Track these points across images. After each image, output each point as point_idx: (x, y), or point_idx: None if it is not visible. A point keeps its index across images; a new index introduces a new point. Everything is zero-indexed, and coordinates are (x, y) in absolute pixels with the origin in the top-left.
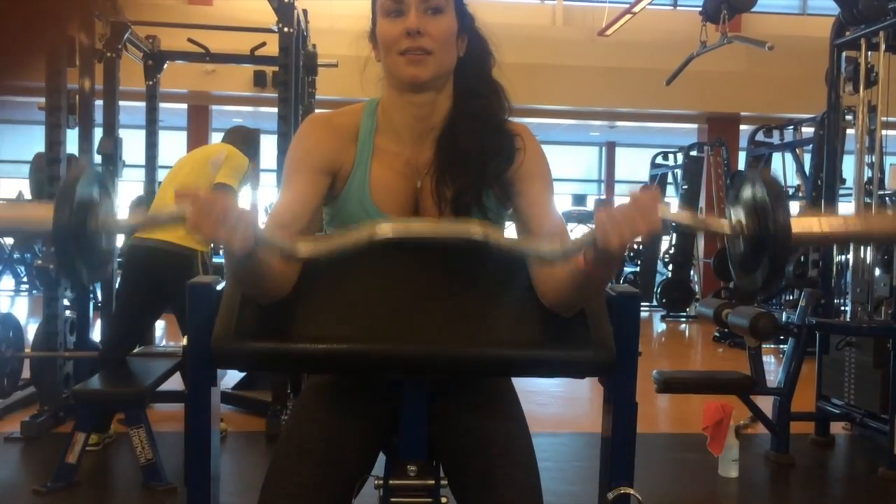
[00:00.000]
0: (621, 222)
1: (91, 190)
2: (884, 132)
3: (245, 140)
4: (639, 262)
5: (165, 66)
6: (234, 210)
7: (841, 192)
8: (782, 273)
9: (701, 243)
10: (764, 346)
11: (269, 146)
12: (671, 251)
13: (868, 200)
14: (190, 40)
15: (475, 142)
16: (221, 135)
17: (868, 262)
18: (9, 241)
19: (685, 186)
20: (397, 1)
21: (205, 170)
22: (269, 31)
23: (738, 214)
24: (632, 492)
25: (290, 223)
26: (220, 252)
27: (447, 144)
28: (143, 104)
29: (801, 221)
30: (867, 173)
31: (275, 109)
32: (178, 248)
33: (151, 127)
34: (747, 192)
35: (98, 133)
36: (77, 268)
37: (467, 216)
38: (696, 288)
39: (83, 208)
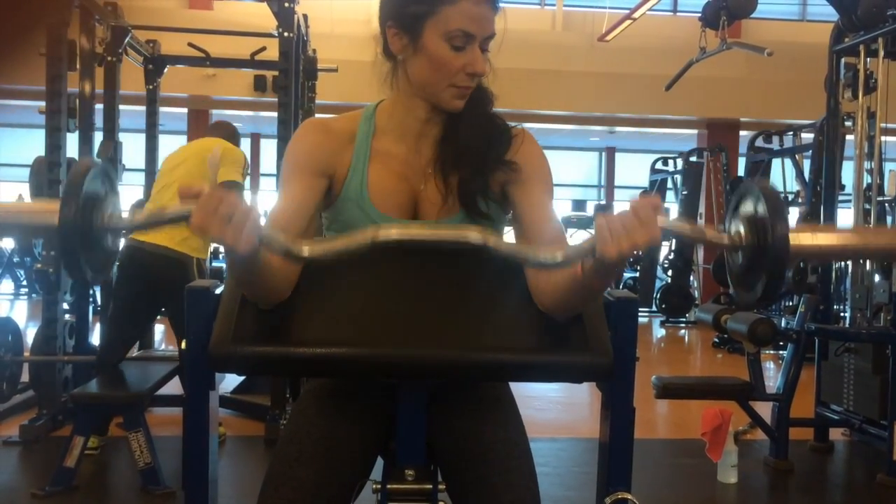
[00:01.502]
0: (621, 233)
1: (97, 186)
2: (883, 138)
3: (232, 136)
4: (638, 268)
5: (166, 70)
6: (239, 208)
7: (840, 198)
8: (780, 287)
9: (701, 249)
10: (763, 351)
11: (268, 150)
12: (671, 256)
13: (867, 206)
14: (190, 45)
15: (477, 130)
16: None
17: (867, 268)
18: (9, 245)
19: (685, 192)
20: (468, 36)
21: (202, 168)
22: (270, 35)
23: (736, 226)
24: (630, 497)
25: (287, 227)
26: (221, 256)
27: (450, 136)
28: (143, 108)
29: (800, 235)
30: (866, 179)
31: (275, 114)
32: (175, 254)
33: (151, 131)
34: (746, 204)
35: (98, 137)
36: (82, 266)
37: (473, 205)
38: (696, 293)
39: (89, 204)
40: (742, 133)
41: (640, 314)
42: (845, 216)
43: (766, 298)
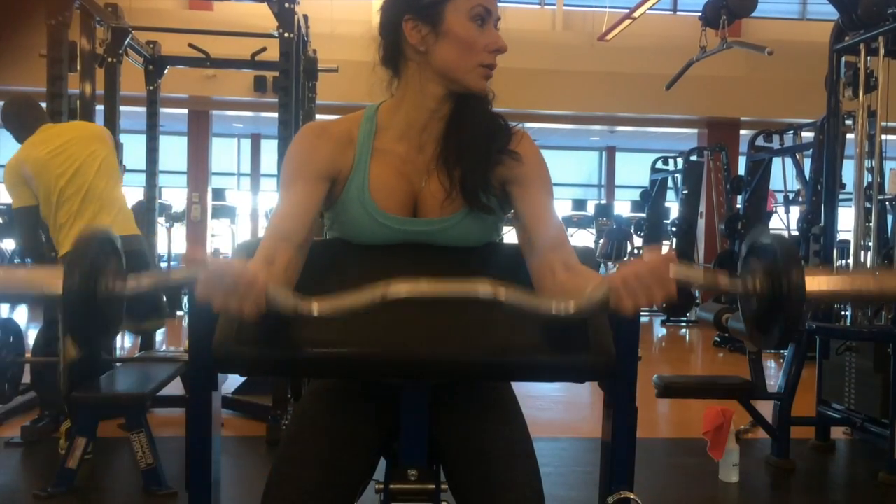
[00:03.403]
0: (636, 289)
1: (100, 253)
2: (883, 137)
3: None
4: None
5: (166, 70)
6: (244, 278)
7: (841, 196)
8: (797, 332)
9: (701, 248)
10: (764, 350)
11: (269, 151)
12: None
13: (868, 205)
14: (190, 45)
15: (480, 126)
16: (222, 140)
17: (868, 267)
18: (9, 245)
19: (685, 191)
20: (488, 12)
21: (101, 157)
22: (270, 36)
23: (750, 273)
24: (632, 496)
25: (290, 235)
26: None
27: (454, 133)
28: (143, 109)
29: (815, 280)
30: (867, 178)
31: (275, 114)
32: (142, 239)
33: (152, 132)
34: (759, 251)
35: None
36: (87, 334)
37: (476, 199)
38: (696, 293)
39: (93, 273)
40: (742, 132)
41: (641, 313)
42: (846, 215)
43: (784, 342)
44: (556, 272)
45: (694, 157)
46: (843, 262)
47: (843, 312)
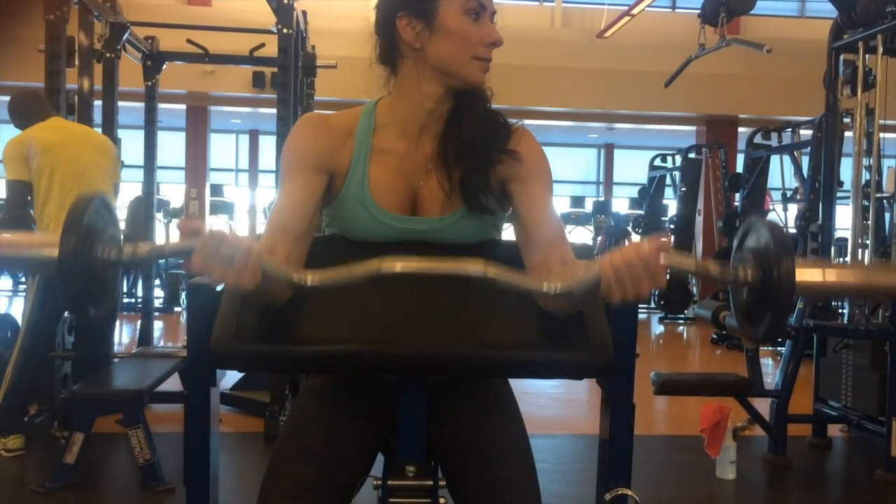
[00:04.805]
0: (626, 280)
1: (97, 219)
2: (881, 135)
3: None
4: None
5: (164, 66)
6: (240, 249)
7: (839, 194)
8: (785, 322)
9: (699, 245)
10: (762, 348)
11: (268, 147)
12: None
13: (866, 203)
14: (189, 41)
15: (480, 125)
16: (220, 136)
17: (866, 265)
18: None
19: (683, 189)
20: (482, 6)
21: (104, 167)
22: (268, 32)
23: (741, 261)
24: (629, 493)
25: (290, 227)
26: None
27: (453, 132)
28: (141, 104)
29: (806, 272)
30: (865, 176)
31: (273, 110)
32: None
33: (150, 127)
34: (751, 239)
35: None
36: (83, 301)
37: (475, 200)
38: (695, 290)
39: (90, 237)
40: (741, 129)
41: (638, 310)
42: (844, 212)
43: (771, 333)
44: (552, 268)
45: (692, 155)
46: (841, 259)
47: (840, 310)
